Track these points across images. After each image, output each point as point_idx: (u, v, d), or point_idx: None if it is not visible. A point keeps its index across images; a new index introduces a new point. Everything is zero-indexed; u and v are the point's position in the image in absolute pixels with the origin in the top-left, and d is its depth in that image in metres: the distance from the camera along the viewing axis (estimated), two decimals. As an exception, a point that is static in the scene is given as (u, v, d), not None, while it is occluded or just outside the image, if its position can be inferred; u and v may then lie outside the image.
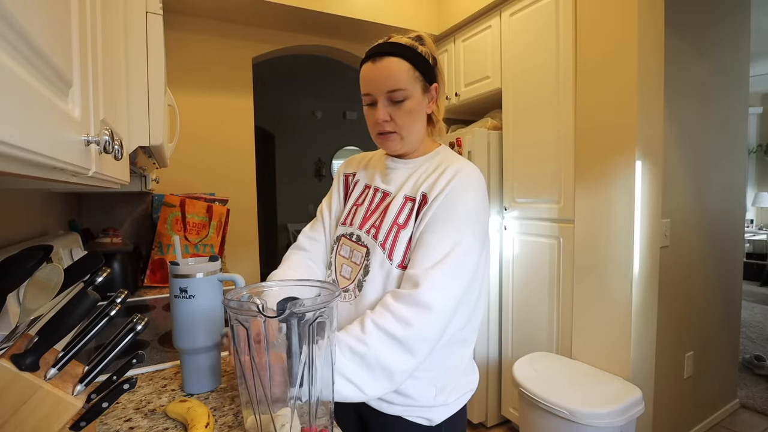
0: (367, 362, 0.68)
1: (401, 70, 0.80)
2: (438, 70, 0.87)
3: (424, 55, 0.83)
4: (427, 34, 0.88)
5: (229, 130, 2.35)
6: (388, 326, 0.70)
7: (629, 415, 1.40)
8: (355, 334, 0.70)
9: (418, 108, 0.83)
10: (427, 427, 0.83)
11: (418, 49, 0.83)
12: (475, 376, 0.92)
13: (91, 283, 0.60)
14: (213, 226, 1.92)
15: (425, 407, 0.82)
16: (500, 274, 2.21)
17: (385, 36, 0.86)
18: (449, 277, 0.74)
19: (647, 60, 1.54)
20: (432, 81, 0.85)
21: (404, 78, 0.80)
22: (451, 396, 0.84)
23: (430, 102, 0.86)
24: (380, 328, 0.70)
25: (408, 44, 0.82)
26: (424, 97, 0.84)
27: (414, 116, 0.83)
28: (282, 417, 0.59)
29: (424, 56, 0.83)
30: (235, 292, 0.64)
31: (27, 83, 0.29)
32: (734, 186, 2.21)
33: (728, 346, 2.27)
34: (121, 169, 0.66)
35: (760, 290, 4.98)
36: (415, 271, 0.74)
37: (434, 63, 0.86)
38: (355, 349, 0.68)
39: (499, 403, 2.23)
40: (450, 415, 0.84)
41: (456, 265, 0.74)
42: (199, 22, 2.24)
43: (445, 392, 0.83)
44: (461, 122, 2.84)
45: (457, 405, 0.86)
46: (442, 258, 0.74)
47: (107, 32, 0.59)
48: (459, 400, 0.86)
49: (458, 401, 0.86)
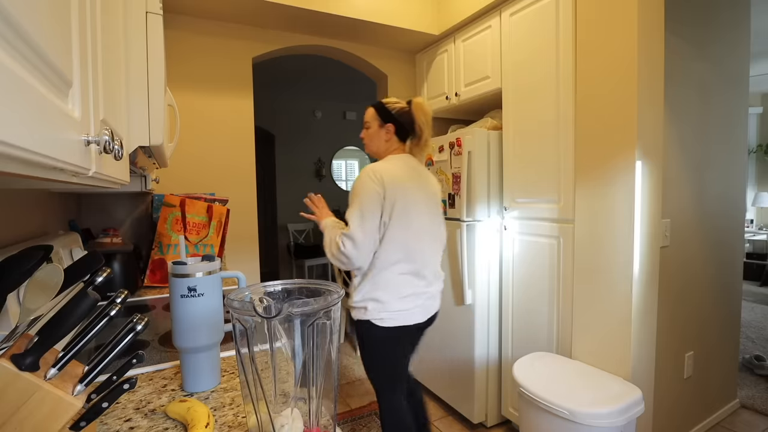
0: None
1: (369, 113, 1.56)
2: (405, 118, 1.52)
3: (389, 110, 1.52)
4: (417, 103, 1.53)
5: (229, 130, 2.35)
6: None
7: (629, 415, 1.40)
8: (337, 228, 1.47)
9: (374, 133, 1.55)
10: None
11: (387, 105, 1.53)
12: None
13: (91, 283, 0.60)
14: (213, 226, 1.92)
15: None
16: (500, 274, 2.21)
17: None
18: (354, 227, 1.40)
19: (647, 59, 1.54)
20: (387, 122, 1.52)
21: (369, 117, 1.56)
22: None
23: (387, 133, 1.53)
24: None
25: (385, 102, 1.55)
26: (380, 129, 1.54)
27: (372, 137, 1.56)
28: (282, 417, 0.59)
29: (387, 109, 1.52)
30: (237, 292, 0.64)
31: (27, 83, 0.29)
32: (734, 186, 2.21)
33: (728, 346, 2.27)
34: (121, 169, 0.66)
35: (760, 290, 4.98)
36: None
37: (399, 115, 1.51)
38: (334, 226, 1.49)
39: (499, 403, 2.24)
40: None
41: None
42: (199, 21, 2.24)
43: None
44: (461, 122, 2.84)
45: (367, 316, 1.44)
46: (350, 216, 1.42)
47: (107, 32, 0.59)
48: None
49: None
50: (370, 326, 1.43)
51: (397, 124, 1.51)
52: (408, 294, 1.43)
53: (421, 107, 1.51)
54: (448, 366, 2.38)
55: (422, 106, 1.51)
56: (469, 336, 2.19)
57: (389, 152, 1.54)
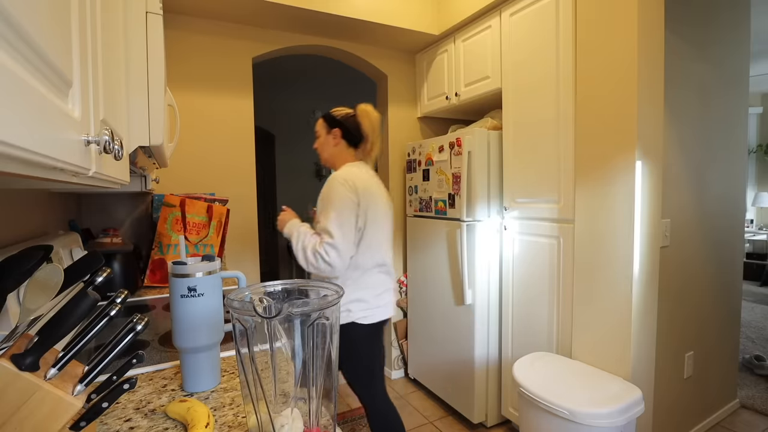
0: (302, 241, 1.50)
1: (318, 123, 1.66)
2: (351, 123, 1.60)
3: (335, 116, 1.61)
4: (362, 109, 1.61)
5: (229, 130, 2.35)
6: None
7: (629, 415, 1.40)
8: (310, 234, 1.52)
9: (324, 140, 1.64)
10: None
11: (333, 112, 1.64)
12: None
13: (91, 283, 0.60)
14: (213, 226, 1.92)
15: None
16: (500, 274, 2.21)
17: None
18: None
19: (647, 59, 1.54)
20: (333, 127, 1.60)
21: (318, 126, 1.66)
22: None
23: (334, 138, 1.61)
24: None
25: (332, 111, 1.65)
26: (327, 135, 1.62)
27: (322, 144, 1.65)
28: (282, 417, 0.59)
29: (333, 116, 1.62)
30: (237, 292, 0.64)
31: (27, 83, 0.29)
32: (734, 186, 2.21)
33: (728, 346, 2.27)
34: (121, 169, 0.66)
35: (760, 290, 4.98)
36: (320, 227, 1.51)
37: (345, 120, 1.60)
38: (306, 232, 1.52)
39: (499, 403, 2.24)
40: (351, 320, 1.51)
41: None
42: (199, 21, 2.24)
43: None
44: (461, 122, 2.85)
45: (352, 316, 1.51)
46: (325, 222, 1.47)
47: (107, 32, 0.59)
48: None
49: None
50: (354, 327, 1.50)
51: (342, 128, 1.60)
52: (382, 291, 1.57)
53: (366, 113, 1.60)
54: (448, 366, 2.38)
55: (367, 112, 1.60)
56: (469, 336, 2.19)
57: (341, 157, 1.62)
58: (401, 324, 2.88)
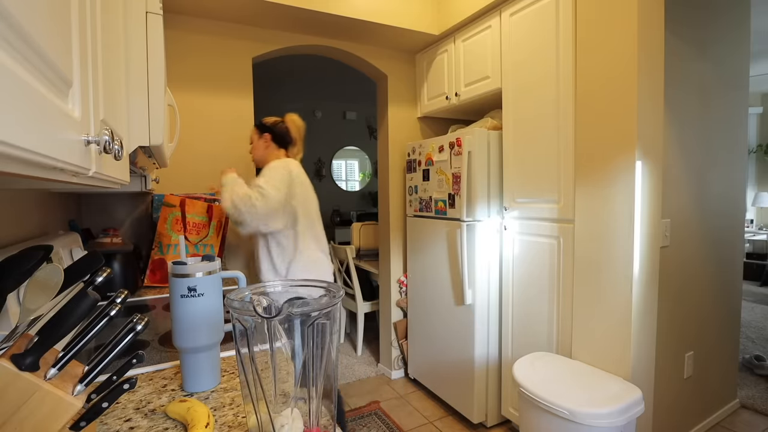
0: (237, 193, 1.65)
1: (251, 130, 1.91)
2: (280, 128, 1.87)
3: (265, 123, 1.86)
4: (290, 117, 1.90)
5: (230, 130, 2.35)
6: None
7: (629, 415, 1.40)
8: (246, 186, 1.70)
9: (256, 144, 1.88)
10: None
11: (264, 120, 1.88)
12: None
13: (91, 283, 0.60)
14: (213, 226, 1.92)
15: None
16: (500, 274, 2.21)
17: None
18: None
19: (647, 60, 1.54)
20: (263, 132, 1.85)
21: (251, 134, 1.91)
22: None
23: (265, 141, 1.85)
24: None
25: (263, 119, 1.89)
26: (259, 139, 1.86)
27: (255, 147, 1.88)
28: (282, 417, 0.59)
29: (264, 123, 1.87)
30: (237, 292, 0.64)
31: (27, 83, 0.29)
32: (734, 186, 2.21)
33: (728, 346, 2.27)
34: (121, 169, 0.66)
35: (760, 290, 4.98)
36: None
37: (274, 126, 1.86)
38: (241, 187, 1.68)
39: (499, 403, 2.24)
40: None
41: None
42: (198, 21, 2.24)
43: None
44: (461, 122, 2.85)
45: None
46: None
47: (107, 32, 0.59)
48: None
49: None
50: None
51: (272, 133, 1.85)
52: (326, 270, 1.79)
53: (293, 120, 1.90)
54: (447, 366, 2.38)
55: (294, 120, 1.90)
56: (469, 336, 2.19)
57: (272, 157, 1.84)
58: (401, 324, 2.88)
